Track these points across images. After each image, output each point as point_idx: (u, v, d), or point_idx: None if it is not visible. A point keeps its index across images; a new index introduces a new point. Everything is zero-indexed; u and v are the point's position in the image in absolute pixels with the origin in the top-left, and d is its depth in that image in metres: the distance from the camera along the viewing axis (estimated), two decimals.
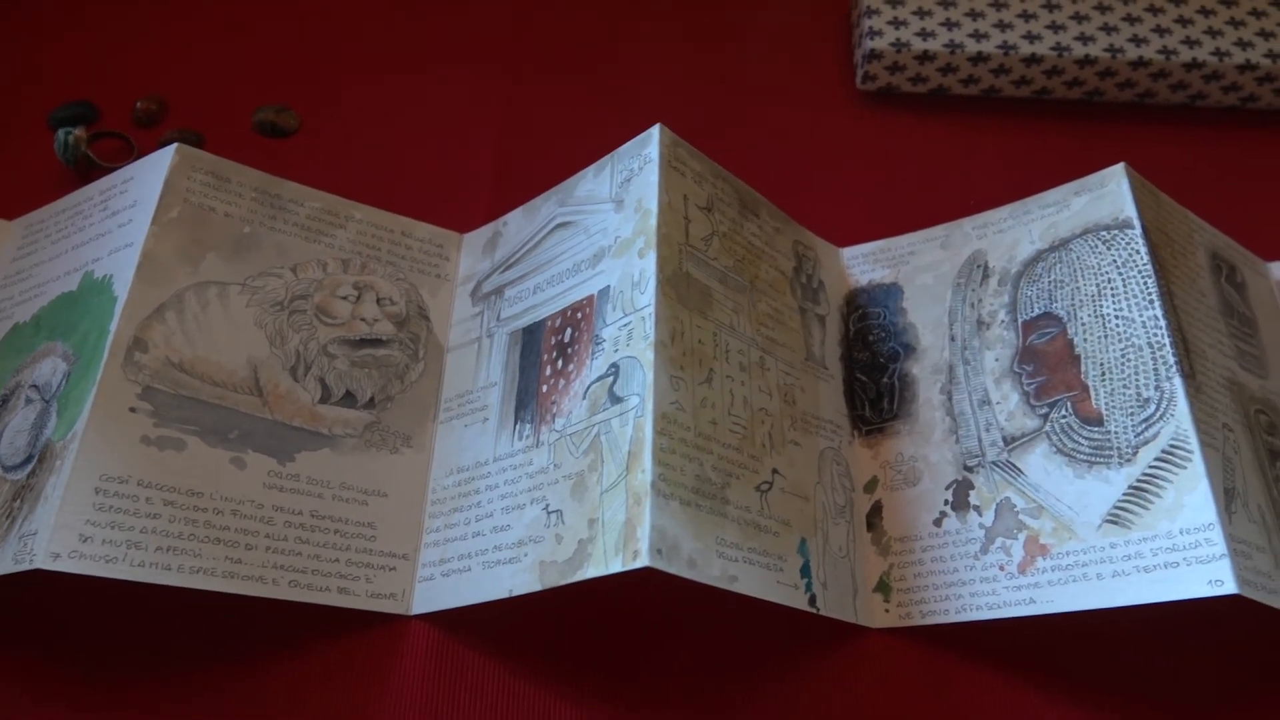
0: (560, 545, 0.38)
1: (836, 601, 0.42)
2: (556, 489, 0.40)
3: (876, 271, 0.52)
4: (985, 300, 0.48)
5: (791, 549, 0.41)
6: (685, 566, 0.36)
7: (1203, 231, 0.49)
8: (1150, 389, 0.41)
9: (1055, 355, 0.45)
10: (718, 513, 0.39)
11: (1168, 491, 0.39)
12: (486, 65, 0.61)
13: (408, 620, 0.43)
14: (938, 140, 0.58)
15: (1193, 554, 0.37)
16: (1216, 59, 0.56)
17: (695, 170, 0.46)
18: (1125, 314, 0.43)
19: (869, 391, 0.49)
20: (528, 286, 0.47)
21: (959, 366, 0.47)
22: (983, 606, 0.42)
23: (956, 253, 0.50)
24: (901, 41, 0.56)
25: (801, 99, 0.60)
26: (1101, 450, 0.41)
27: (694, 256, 0.43)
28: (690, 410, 0.39)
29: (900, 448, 0.47)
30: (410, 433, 0.47)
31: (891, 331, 0.50)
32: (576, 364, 0.42)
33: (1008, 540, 0.42)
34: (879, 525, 0.46)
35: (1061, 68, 0.57)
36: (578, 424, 0.41)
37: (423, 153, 0.58)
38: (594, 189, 0.47)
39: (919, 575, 0.44)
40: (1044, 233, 0.47)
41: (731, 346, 0.43)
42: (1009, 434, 0.44)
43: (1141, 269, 0.43)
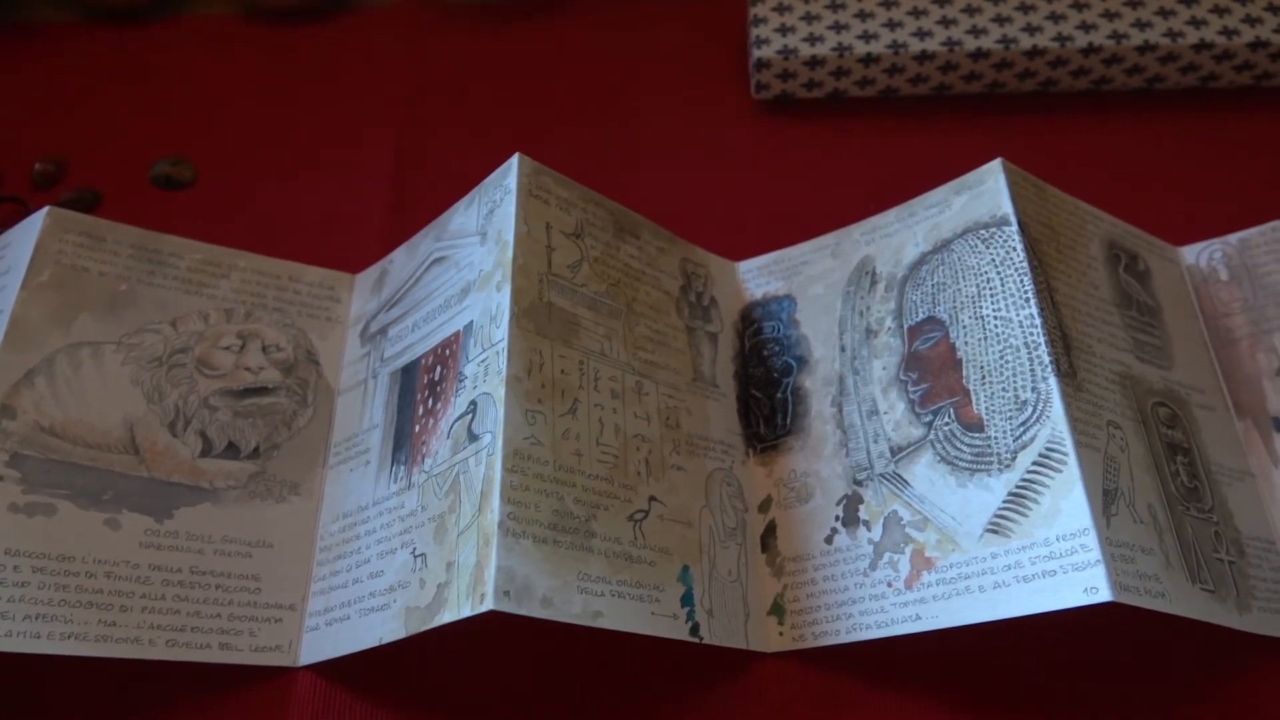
0: (423, 590, 0.38)
1: (724, 629, 0.41)
2: (423, 532, 0.39)
3: (771, 284, 0.51)
4: (873, 307, 0.47)
5: (671, 578, 0.40)
6: (539, 606, 0.35)
7: (1098, 221, 0.48)
8: (1027, 391, 0.40)
9: (938, 360, 0.43)
10: (581, 547, 0.38)
11: (1045, 497, 0.38)
12: (380, 100, 0.61)
13: (295, 672, 0.43)
14: (836, 145, 0.57)
15: (1069, 561, 0.36)
16: (1114, 42, 0.55)
17: (561, 197, 0.45)
18: (1003, 314, 0.42)
19: (763, 408, 0.48)
20: (407, 324, 0.47)
21: (849, 377, 0.46)
22: (871, 625, 0.41)
23: (846, 260, 0.49)
24: (789, 48, 0.55)
25: (700, 114, 0.59)
26: (982, 457, 0.40)
27: (558, 285, 0.43)
28: (549, 444, 0.39)
29: (793, 464, 0.46)
30: (298, 480, 0.46)
31: (785, 345, 0.49)
32: (443, 402, 0.42)
33: (895, 555, 0.41)
34: (773, 546, 0.45)
35: (956, 62, 0.56)
36: (442, 464, 0.40)
37: (319, 196, 0.57)
38: (465, 222, 0.46)
39: (811, 595, 0.43)
40: (927, 234, 0.46)
41: (602, 374, 0.42)
42: (896, 444, 0.43)
43: (1018, 267, 0.42)
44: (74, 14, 0.67)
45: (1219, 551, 0.41)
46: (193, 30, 0.66)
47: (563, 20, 0.64)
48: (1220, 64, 0.56)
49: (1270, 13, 0.55)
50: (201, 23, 0.66)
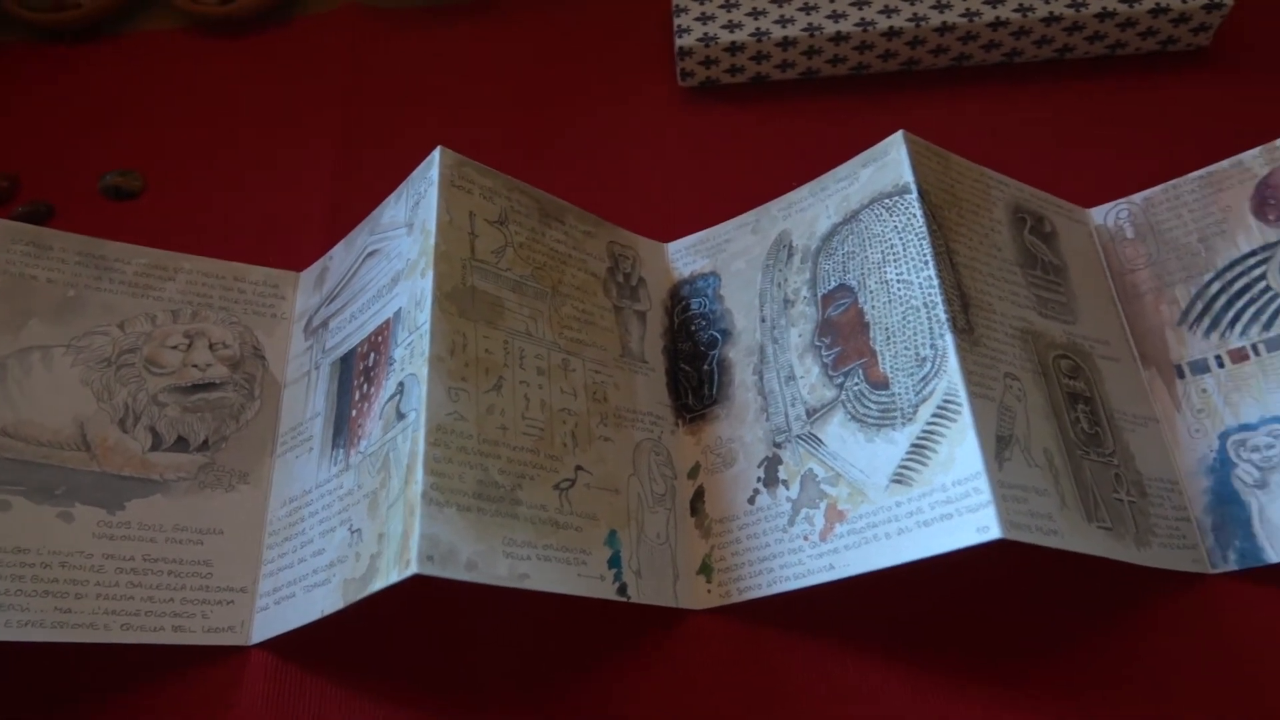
0: (358, 562, 0.40)
1: (653, 588, 0.43)
2: (358, 509, 0.41)
3: (697, 262, 0.53)
4: (790, 279, 0.49)
5: (598, 542, 0.42)
6: (463, 570, 0.37)
7: (1004, 187, 0.50)
8: (926, 348, 0.42)
9: (849, 325, 0.45)
10: (506, 514, 0.40)
11: (942, 446, 0.40)
12: (321, 103, 0.63)
13: (248, 650, 0.45)
14: (760, 127, 0.59)
15: (963, 504, 0.38)
16: (1021, 15, 0.57)
17: (485, 186, 0.47)
18: (905, 277, 0.44)
19: (691, 380, 0.50)
20: (345, 316, 0.49)
21: (768, 346, 0.48)
22: (790, 577, 0.43)
23: (766, 236, 0.51)
24: (709, 35, 0.57)
25: (629, 104, 0.61)
26: (888, 413, 0.42)
27: (482, 270, 0.45)
28: (473, 419, 0.41)
29: (719, 431, 0.48)
30: (247, 469, 0.48)
31: (711, 319, 0.51)
32: (376, 386, 0.44)
33: (811, 510, 0.43)
34: (702, 509, 0.47)
35: (870, 42, 0.58)
36: (375, 444, 0.42)
37: (265, 198, 0.59)
38: (395, 215, 0.48)
39: (736, 554, 0.45)
40: (838, 206, 0.48)
41: (528, 352, 0.44)
42: (811, 406, 0.45)
43: (918, 232, 0.44)
44: (22, 34, 0.69)
45: (1119, 492, 0.43)
46: (138, 46, 0.68)
47: (495, 19, 0.66)
48: (1125, 31, 0.58)
49: None
50: (146, 39, 0.68)
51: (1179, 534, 0.44)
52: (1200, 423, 0.47)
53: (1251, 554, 0.44)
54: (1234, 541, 0.44)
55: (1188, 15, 0.57)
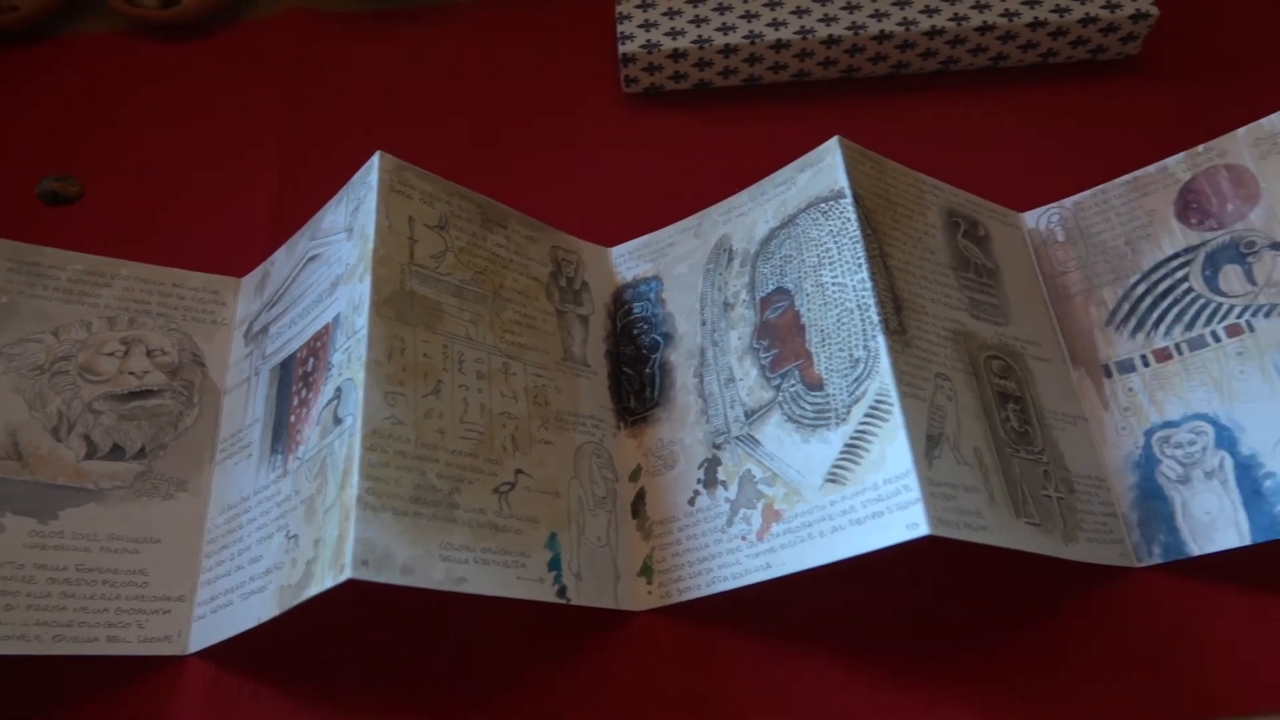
0: (294, 569, 0.40)
1: (593, 590, 0.44)
2: (295, 514, 0.41)
3: (640, 266, 0.54)
4: (730, 282, 0.50)
5: (538, 544, 0.43)
6: (399, 574, 0.37)
7: (938, 192, 0.51)
8: (860, 349, 0.43)
9: (786, 327, 0.46)
10: (444, 518, 0.40)
11: (874, 445, 0.41)
12: (264, 107, 0.63)
13: (185, 660, 0.44)
14: (704, 133, 0.60)
15: (893, 501, 0.39)
16: (955, 24, 0.58)
17: (425, 191, 0.47)
18: (840, 280, 0.45)
19: (634, 383, 0.50)
20: (286, 321, 0.49)
21: (709, 349, 0.49)
22: (728, 576, 0.43)
23: (707, 240, 0.52)
24: (652, 42, 0.58)
25: (575, 110, 0.62)
26: (823, 413, 0.43)
27: (421, 274, 0.45)
28: (411, 423, 0.41)
29: (660, 434, 0.48)
30: (185, 477, 0.48)
31: (653, 323, 0.52)
32: (315, 392, 0.44)
33: (748, 510, 0.44)
34: (643, 511, 0.47)
35: (810, 49, 0.59)
36: (312, 449, 0.42)
37: (207, 203, 0.59)
38: (335, 220, 0.48)
39: (676, 555, 0.45)
40: (776, 211, 0.49)
41: (467, 357, 0.45)
42: (749, 408, 0.46)
43: (852, 236, 0.45)
44: None
45: (1047, 489, 0.44)
46: (77, 49, 0.67)
47: (441, 24, 0.66)
48: (1056, 40, 0.59)
49: None
50: (86, 41, 0.67)
51: (1106, 529, 0.45)
52: (1127, 421, 0.48)
53: (1175, 547, 0.45)
54: (1158, 536, 0.45)
55: (1116, 25, 0.59)
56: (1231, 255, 0.48)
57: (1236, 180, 0.49)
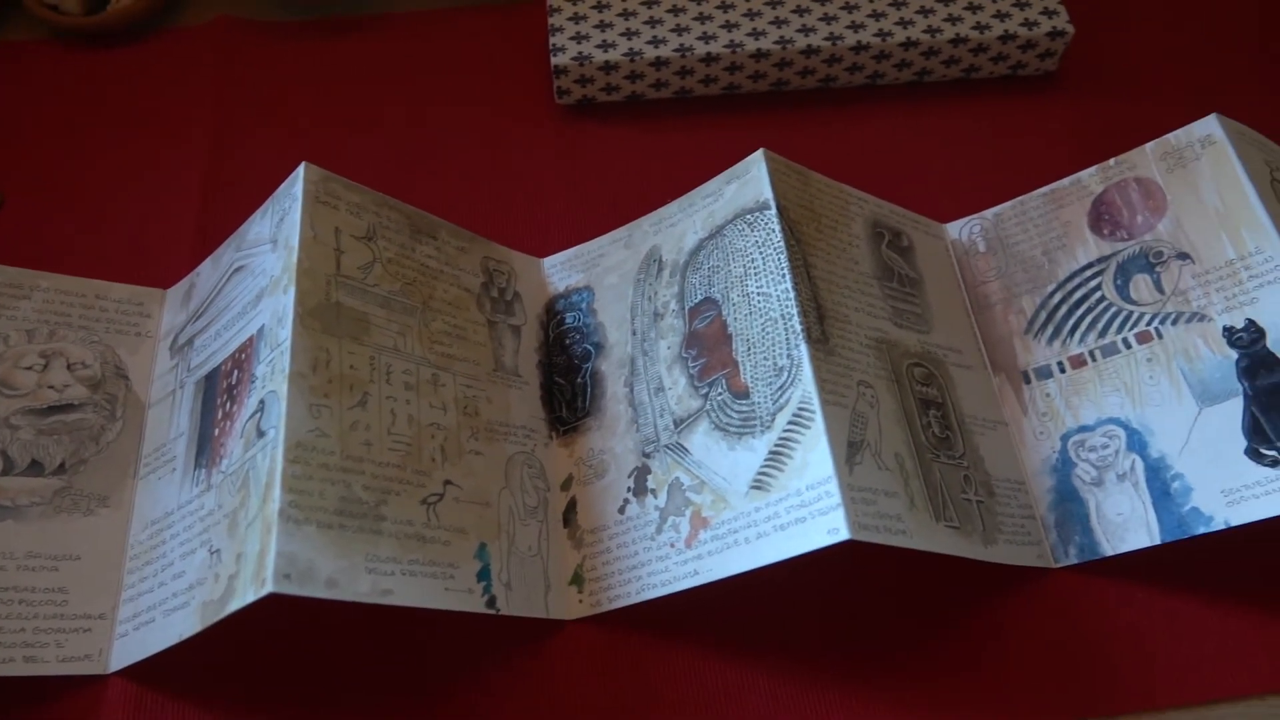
0: (217, 584, 0.39)
1: (523, 600, 0.44)
2: (219, 529, 0.41)
3: (572, 277, 0.54)
4: (659, 292, 0.50)
5: (467, 555, 0.43)
6: (323, 587, 0.37)
7: (863, 203, 0.52)
8: (784, 358, 0.44)
9: (713, 336, 0.47)
10: (370, 530, 0.40)
11: (797, 452, 0.41)
12: (192, 117, 0.62)
13: (106, 679, 0.43)
14: (636, 145, 0.60)
15: (815, 507, 0.40)
16: (880, 40, 0.59)
17: (352, 202, 0.47)
18: (765, 290, 0.46)
19: (565, 393, 0.51)
20: (211, 334, 0.48)
21: (639, 358, 0.49)
22: (657, 584, 0.44)
23: (637, 250, 0.52)
24: (584, 54, 0.59)
25: (509, 122, 0.62)
26: (748, 421, 0.44)
27: (348, 286, 0.45)
28: (336, 435, 0.41)
29: (591, 443, 0.49)
30: (107, 493, 0.47)
31: (585, 333, 0.52)
32: (239, 405, 0.43)
33: (677, 518, 0.44)
34: (574, 520, 0.47)
35: (740, 63, 0.60)
36: (236, 463, 0.41)
37: (133, 214, 0.58)
38: (260, 231, 0.48)
39: (606, 563, 0.46)
40: (704, 222, 0.50)
41: (395, 368, 0.44)
42: (678, 416, 0.46)
43: (776, 247, 0.46)
44: None
45: (967, 493, 0.45)
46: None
47: (373, 34, 0.66)
48: (978, 56, 0.61)
49: (1017, 8, 0.61)
50: (6, 48, 0.65)
51: (1025, 531, 0.47)
52: (1044, 425, 0.50)
53: (1090, 548, 0.46)
54: (1074, 537, 0.47)
55: (1034, 42, 0.61)
56: (1141, 265, 0.50)
57: (1145, 193, 0.51)
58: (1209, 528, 0.43)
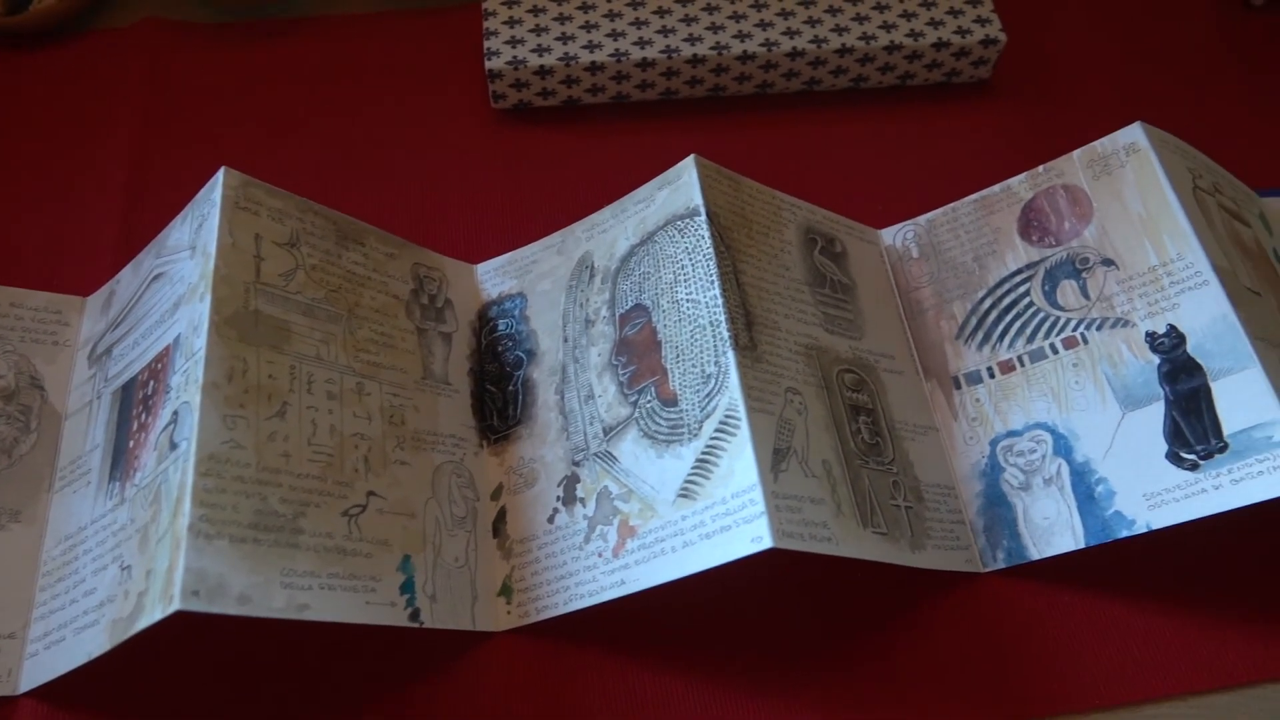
0: (127, 601, 0.38)
1: (449, 612, 0.43)
2: (130, 544, 0.40)
3: (505, 283, 0.53)
4: (591, 299, 0.50)
5: (390, 568, 0.42)
6: (235, 604, 0.36)
7: (796, 209, 0.53)
8: (711, 365, 0.43)
9: (643, 344, 0.47)
10: (286, 544, 0.39)
11: (723, 460, 0.41)
12: (116, 120, 0.60)
13: (16, 700, 0.42)
14: (572, 149, 0.60)
15: (740, 515, 0.40)
16: (816, 46, 0.60)
17: (274, 208, 0.46)
18: (694, 297, 0.45)
19: (497, 401, 0.50)
20: (129, 343, 0.47)
21: (570, 365, 0.49)
22: (585, 594, 0.43)
23: (570, 257, 0.52)
24: (519, 59, 0.58)
25: (444, 126, 0.61)
26: (676, 429, 0.43)
27: (268, 293, 0.44)
28: (252, 446, 0.40)
29: (522, 452, 0.48)
30: (20, 507, 0.45)
31: (517, 340, 0.51)
32: (154, 416, 0.42)
33: (605, 527, 0.44)
34: (503, 530, 0.47)
35: (676, 68, 0.59)
36: (149, 476, 0.40)
37: (53, 220, 0.56)
38: (180, 238, 0.47)
39: (535, 573, 0.45)
40: (636, 228, 0.50)
41: (317, 377, 0.44)
42: (608, 424, 0.46)
43: (705, 253, 0.46)
44: None
45: (896, 499, 0.46)
46: None
47: (305, 36, 0.65)
48: (912, 63, 0.62)
49: (951, 16, 0.61)
50: None
51: (954, 536, 0.47)
52: (974, 430, 0.50)
53: (1017, 552, 0.47)
54: (1002, 541, 0.47)
55: (967, 50, 0.61)
56: (1068, 271, 0.50)
57: (1073, 199, 0.52)
58: (1131, 531, 0.44)
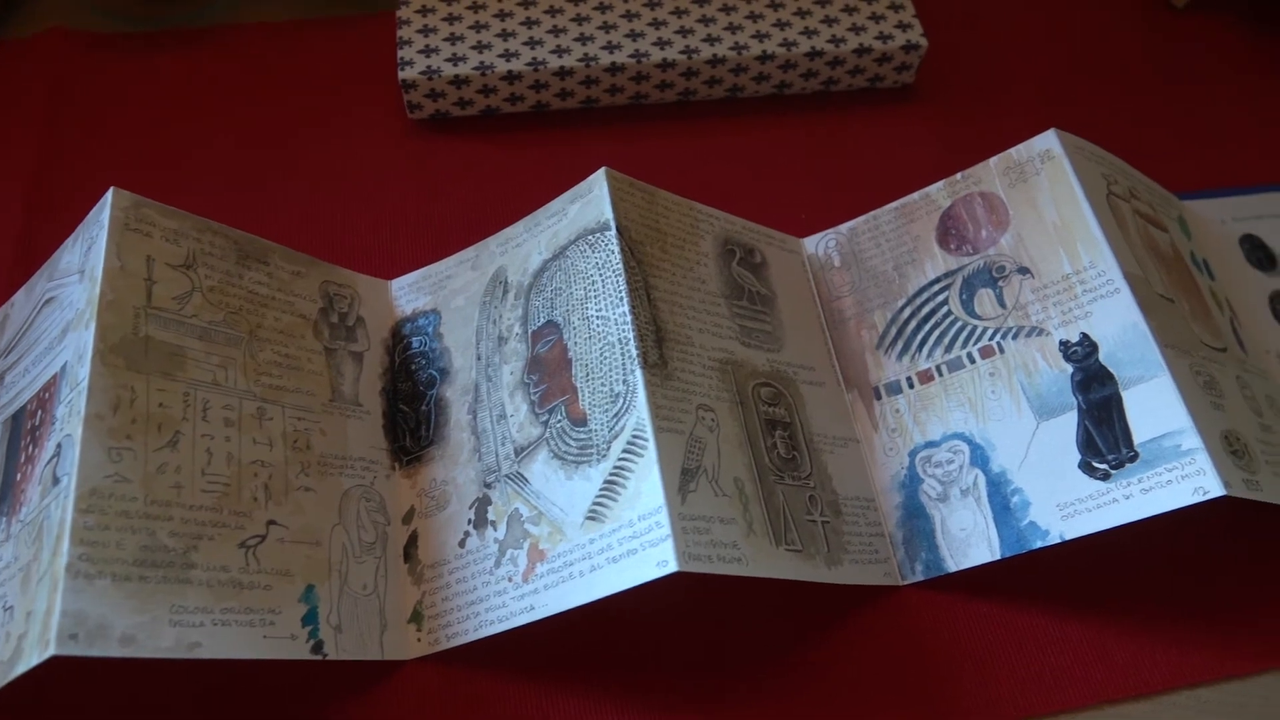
0: (7, 644, 0.36)
1: (355, 643, 0.42)
2: (13, 584, 0.38)
3: (419, 300, 0.52)
4: (504, 315, 0.49)
5: (291, 599, 0.41)
6: (117, 645, 0.35)
7: (713, 220, 0.52)
8: (620, 384, 0.43)
9: (554, 362, 0.46)
10: (176, 580, 0.37)
11: (631, 481, 0.40)
12: (11, 136, 0.58)
13: None
14: (491, 160, 0.59)
15: (646, 539, 0.39)
16: (736, 53, 0.59)
17: (168, 229, 0.45)
18: (603, 314, 0.45)
19: (410, 421, 0.49)
20: (20, 370, 0.45)
21: (483, 384, 0.48)
22: (494, 620, 0.42)
23: (484, 272, 0.51)
24: (433, 69, 0.57)
25: (359, 139, 0.60)
26: (585, 449, 0.43)
27: (160, 318, 0.42)
28: (139, 479, 0.38)
29: (434, 473, 0.47)
30: None
31: (430, 358, 0.50)
32: (40, 448, 0.41)
33: (515, 551, 0.43)
34: (415, 555, 0.46)
35: (595, 77, 0.59)
36: (33, 512, 0.39)
37: None
38: (71, 260, 0.45)
39: (446, 599, 0.44)
40: (549, 242, 0.49)
41: (213, 403, 0.42)
42: (519, 445, 0.45)
43: (615, 268, 0.45)
44: None
45: (812, 514, 0.45)
46: None
47: (216, 47, 0.63)
48: (835, 69, 0.61)
49: (873, 22, 0.61)
50: None
51: (873, 549, 0.47)
52: (894, 441, 0.50)
53: (935, 564, 0.46)
54: (920, 553, 0.47)
55: (889, 55, 0.61)
56: (985, 279, 0.50)
57: (989, 207, 0.52)
58: (1045, 542, 0.44)
